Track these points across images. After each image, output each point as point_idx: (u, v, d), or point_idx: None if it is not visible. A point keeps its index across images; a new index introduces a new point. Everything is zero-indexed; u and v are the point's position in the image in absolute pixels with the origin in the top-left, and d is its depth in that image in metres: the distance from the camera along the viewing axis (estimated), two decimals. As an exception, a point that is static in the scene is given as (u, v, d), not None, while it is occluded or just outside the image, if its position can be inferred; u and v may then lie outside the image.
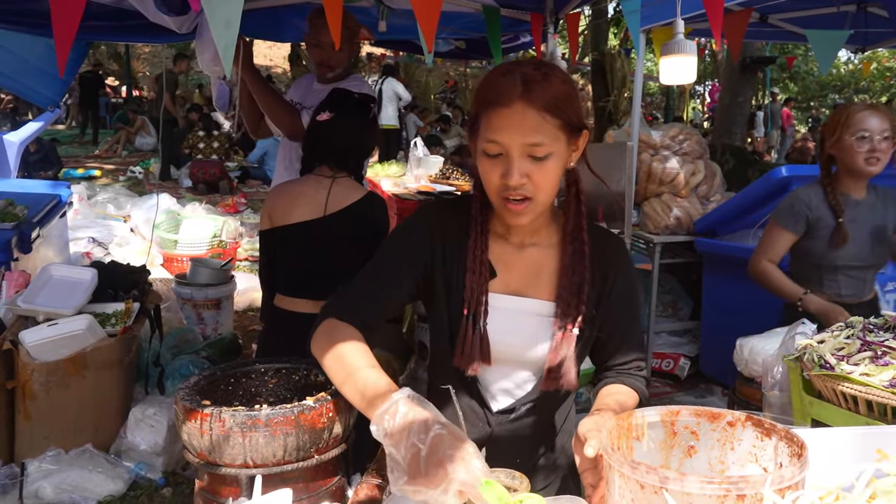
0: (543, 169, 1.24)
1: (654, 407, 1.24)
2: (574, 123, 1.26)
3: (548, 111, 1.21)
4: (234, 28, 1.62)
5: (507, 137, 1.22)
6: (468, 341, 1.32)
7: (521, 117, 1.21)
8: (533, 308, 1.37)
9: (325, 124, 2.47)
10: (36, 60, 4.26)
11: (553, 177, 1.26)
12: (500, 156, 1.24)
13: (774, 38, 6.74)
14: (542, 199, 1.27)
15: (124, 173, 11.10)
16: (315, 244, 2.46)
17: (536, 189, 1.25)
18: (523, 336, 1.36)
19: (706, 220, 4.46)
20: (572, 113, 1.25)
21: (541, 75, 1.23)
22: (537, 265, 1.38)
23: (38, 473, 2.95)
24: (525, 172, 1.23)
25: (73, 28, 1.61)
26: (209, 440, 1.32)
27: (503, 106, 1.22)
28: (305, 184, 2.51)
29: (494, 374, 1.39)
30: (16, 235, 3.73)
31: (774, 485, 0.96)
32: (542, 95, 1.21)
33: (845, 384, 1.55)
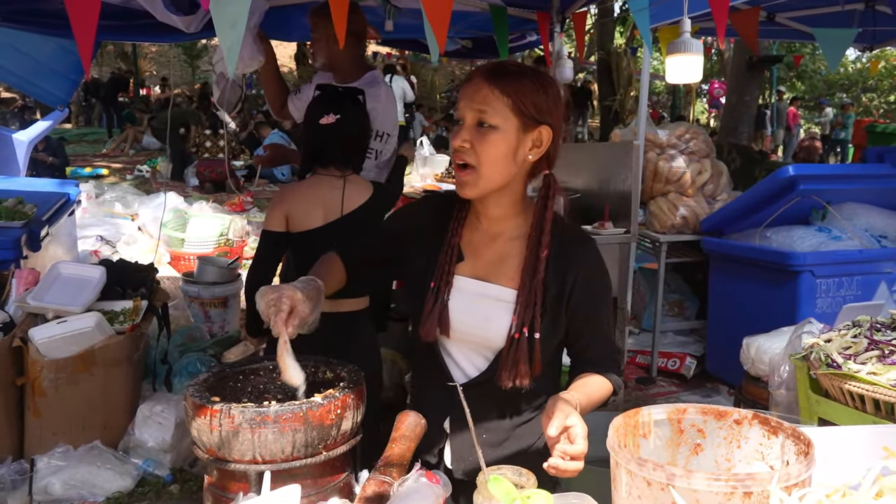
0: (486, 139, 1.37)
1: (660, 405, 1.25)
2: (527, 112, 1.37)
3: (500, 89, 1.36)
4: (239, 29, 1.62)
5: (462, 104, 1.39)
6: (430, 311, 1.45)
7: (475, 87, 1.38)
8: (493, 293, 1.46)
9: (331, 127, 2.43)
10: (46, 60, 4.28)
11: (495, 151, 1.38)
12: (460, 121, 1.40)
13: (782, 37, 6.72)
14: (485, 173, 1.39)
15: (131, 172, 11.15)
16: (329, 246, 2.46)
17: (477, 158, 1.38)
18: (482, 317, 1.45)
19: (712, 219, 4.46)
20: (529, 105, 1.37)
21: (516, 69, 1.40)
22: (502, 254, 1.48)
23: (48, 470, 2.96)
24: (468, 138, 1.38)
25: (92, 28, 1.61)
26: (218, 436, 1.33)
27: (467, 82, 1.41)
28: (319, 186, 2.48)
29: (457, 350, 1.50)
30: (25, 234, 3.76)
31: (781, 482, 0.96)
32: (503, 79, 1.37)
33: (852, 383, 1.55)
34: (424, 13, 1.58)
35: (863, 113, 25.07)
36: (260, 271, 2.50)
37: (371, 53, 17.07)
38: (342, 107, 2.46)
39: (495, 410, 1.51)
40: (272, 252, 2.48)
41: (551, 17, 4.26)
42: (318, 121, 2.44)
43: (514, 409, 1.52)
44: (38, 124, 5.50)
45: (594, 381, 1.47)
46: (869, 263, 4.00)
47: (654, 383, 4.52)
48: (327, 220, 2.45)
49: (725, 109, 11.04)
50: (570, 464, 1.23)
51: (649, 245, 4.70)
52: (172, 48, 24.13)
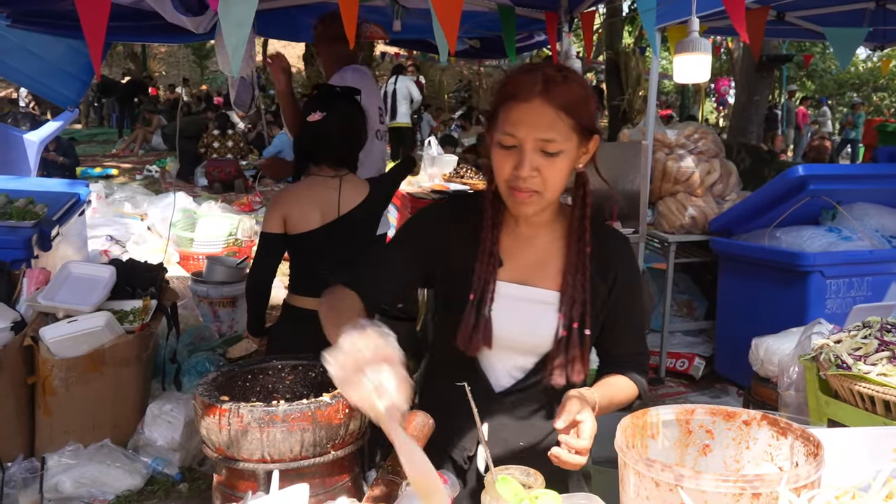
0: (553, 165, 1.30)
1: (669, 405, 1.25)
2: (586, 126, 1.32)
3: (563, 110, 1.28)
4: (245, 28, 1.63)
5: (523, 131, 1.28)
6: (472, 325, 1.39)
7: (538, 113, 1.28)
8: (537, 296, 1.42)
9: (317, 124, 2.44)
10: (56, 61, 4.31)
11: (561, 174, 1.33)
12: (514, 148, 1.30)
13: (791, 36, 6.69)
14: (548, 195, 1.34)
15: (141, 172, 11.20)
16: (333, 245, 2.46)
17: (544, 183, 1.32)
18: (526, 322, 1.42)
19: (721, 219, 4.44)
20: (586, 116, 1.32)
21: (561, 77, 1.30)
22: (543, 256, 1.45)
23: (58, 468, 2.99)
24: (536, 166, 1.30)
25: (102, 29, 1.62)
26: (227, 435, 1.34)
27: (522, 101, 1.29)
28: (315, 187, 2.49)
29: (498, 357, 1.45)
30: (36, 233, 3.78)
31: (790, 484, 0.96)
32: (560, 95, 1.28)
33: (862, 384, 1.54)
34: (434, 13, 1.58)
35: (874, 112, 24.92)
36: (259, 273, 2.51)
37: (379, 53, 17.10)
38: (330, 105, 2.47)
39: (534, 415, 1.49)
40: (271, 254, 2.49)
41: (559, 16, 4.25)
42: (306, 118, 2.47)
43: (550, 411, 1.49)
44: (48, 125, 5.54)
45: (619, 383, 1.46)
46: (879, 264, 3.97)
47: (662, 384, 4.50)
48: (325, 221, 2.45)
49: (735, 109, 10.99)
50: (573, 456, 1.23)
51: (658, 245, 4.68)
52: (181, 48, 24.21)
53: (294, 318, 2.51)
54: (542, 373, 1.43)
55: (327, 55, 3.50)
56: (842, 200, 4.20)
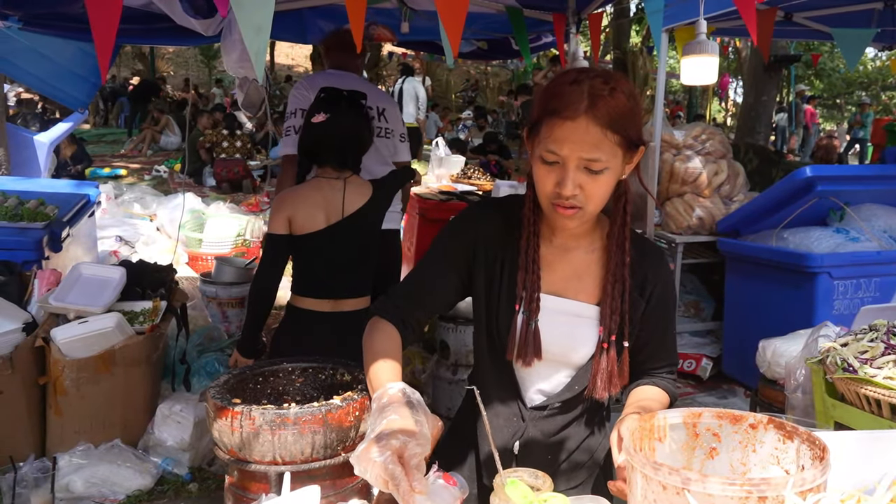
0: (597, 182, 1.27)
1: (676, 409, 1.25)
2: (633, 140, 1.28)
3: (610, 128, 1.23)
4: (265, 33, 1.64)
5: (567, 150, 1.25)
6: (521, 337, 1.37)
7: (584, 132, 1.23)
8: (573, 309, 1.40)
9: (320, 126, 2.46)
10: (66, 63, 4.34)
11: (606, 190, 1.29)
12: (557, 164, 1.27)
13: (800, 37, 6.66)
14: (591, 210, 1.30)
15: (149, 172, 11.23)
16: (337, 247, 2.48)
17: (587, 200, 1.28)
18: (563, 335, 1.40)
19: (729, 220, 4.44)
20: (632, 130, 1.27)
21: (608, 90, 1.24)
22: (580, 268, 1.42)
23: (69, 467, 3.01)
24: (579, 184, 1.26)
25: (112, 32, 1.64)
26: (239, 437, 1.35)
27: (568, 119, 1.24)
28: (319, 188, 2.50)
29: (532, 371, 1.43)
30: (47, 234, 3.81)
31: (796, 487, 0.97)
32: (607, 112, 1.23)
33: (869, 387, 1.55)
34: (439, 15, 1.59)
35: (882, 111, 24.80)
36: (266, 276, 2.51)
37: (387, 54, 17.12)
38: (335, 107, 2.49)
39: (566, 428, 1.47)
40: (278, 255, 2.50)
41: (567, 17, 4.26)
42: (311, 119, 2.49)
43: (585, 424, 1.49)
44: (58, 126, 5.58)
45: (654, 395, 1.44)
46: (887, 265, 3.97)
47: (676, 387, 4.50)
48: (329, 223, 2.47)
49: (742, 109, 10.95)
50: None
51: (665, 246, 4.69)
52: (189, 49, 24.32)
53: (298, 319, 2.53)
54: (579, 386, 1.42)
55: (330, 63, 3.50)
56: (850, 201, 4.19)
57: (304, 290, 2.55)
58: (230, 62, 3.65)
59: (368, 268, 2.62)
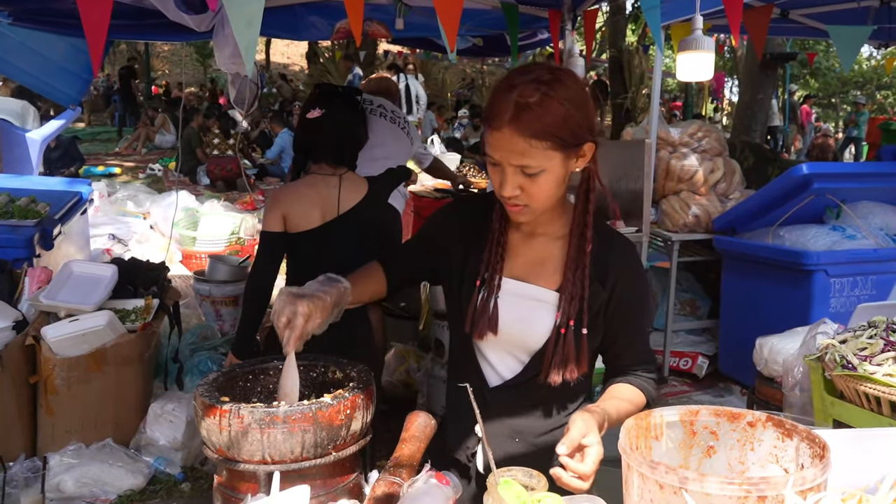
0: (536, 183, 1.32)
1: (673, 407, 1.24)
2: (569, 143, 1.30)
3: (534, 137, 1.27)
4: (255, 27, 1.63)
5: (499, 156, 1.31)
6: (481, 310, 1.43)
7: (510, 142, 1.29)
8: (533, 293, 1.44)
9: (316, 121, 2.44)
10: (58, 59, 4.30)
11: (547, 188, 1.34)
12: (497, 165, 1.34)
13: (795, 34, 6.66)
14: (537, 206, 1.36)
15: (144, 171, 11.19)
16: (331, 244, 2.45)
17: (530, 198, 1.34)
18: (523, 319, 1.43)
19: (725, 217, 4.42)
20: (567, 134, 1.29)
21: (538, 97, 1.26)
22: (542, 255, 1.46)
23: (60, 467, 2.98)
24: (518, 185, 1.32)
25: (103, 27, 1.62)
26: (228, 436, 1.33)
27: (494, 128, 1.30)
28: (314, 185, 2.47)
29: (494, 352, 1.48)
30: (38, 232, 3.77)
31: (796, 486, 0.95)
32: (530, 124, 1.27)
33: (868, 384, 1.53)
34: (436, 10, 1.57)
35: (877, 111, 24.85)
36: (261, 275, 2.48)
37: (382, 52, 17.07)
38: (330, 102, 2.46)
39: (528, 413, 1.49)
40: (273, 254, 2.46)
41: (563, 14, 4.24)
42: (306, 115, 2.47)
43: (547, 411, 1.50)
44: (50, 123, 5.54)
45: (626, 394, 1.44)
46: (884, 263, 3.95)
47: (665, 383, 4.49)
48: (325, 220, 2.44)
49: (739, 107, 10.94)
50: (573, 480, 1.21)
51: (661, 244, 4.67)
52: (184, 47, 24.26)
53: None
54: (535, 370, 1.44)
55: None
56: (846, 199, 4.18)
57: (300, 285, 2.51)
58: (223, 58, 3.61)
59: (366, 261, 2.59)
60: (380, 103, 3.85)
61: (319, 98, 2.50)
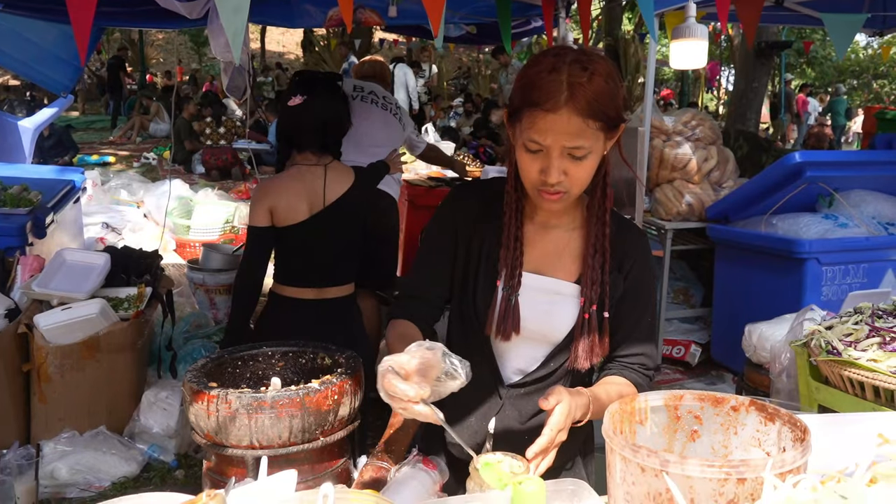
0: (581, 166, 1.29)
1: (657, 391, 1.25)
2: (613, 121, 1.28)
3: (591, 117, 1.24)
4: (243, 14, 1.62)
5: (551, 139, 1.25)
6: (501, 313, 1.39)
7: (566, 123, 1.24)
8: (552, 286, 1.42)
9: (298, 108, 2.40)
10: (49, 46, 4.27)
11: (589, 172, 1.32)
12: (540, 152, 1.28)
13: (790, 22, 6.63)
14: (575, 192, 1.33)
15: (138, 160, 11.16)
16: (319, 236, 2.44)
17: (572, 184, 1.30)
18: (542, 312, 1.41)
19: (718, 206, 4.43)
20: (613, 112, 1.27)
21: (587, 76, 1.24)
22: (559, 246, 1.43)
23: (54, 455, 2.99)
24: (563, 170, 1.28)
25: (90, 13, 1.61)
26: (216, 421, 1.33)
27: (549, 111, 1.24)
28: (300, 177, 2.44)
29: (514, 349, 1.44)
30: (30, 220, 3.77)
31: (775, 469, 0.96)
32: (587, 101, 1.23)
33: (852, 370, 1.54)
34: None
35: (874, 100, 24.84)
36: (251, 269, 2.46)
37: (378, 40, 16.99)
38: (311, 89, 2.43)
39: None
40: (261, 248, 2.43)
41: (556, 2, 4.22)
42: (287, 103, 2.42)
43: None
44: (43, 111, 5.51)
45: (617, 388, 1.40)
46: (876, 251, 3.97)
47: (658, 371, 4.51)
48: (312, 212, 2.42)
49: (733, 96, 10.93)
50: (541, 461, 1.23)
51: (655, 232, 4.68)
52: (179, 35, 24.11)
53: (282, 306, 2.49)
54: (555, 362, 1.43)
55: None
56: (839, 187, 4.19)
57: (289, 279, 2.50)
58: (218, 46, 3.59)
59: (353, 255, 2.58)
60: (371, 89, 3.83)
61: (300, 85, 2.46)
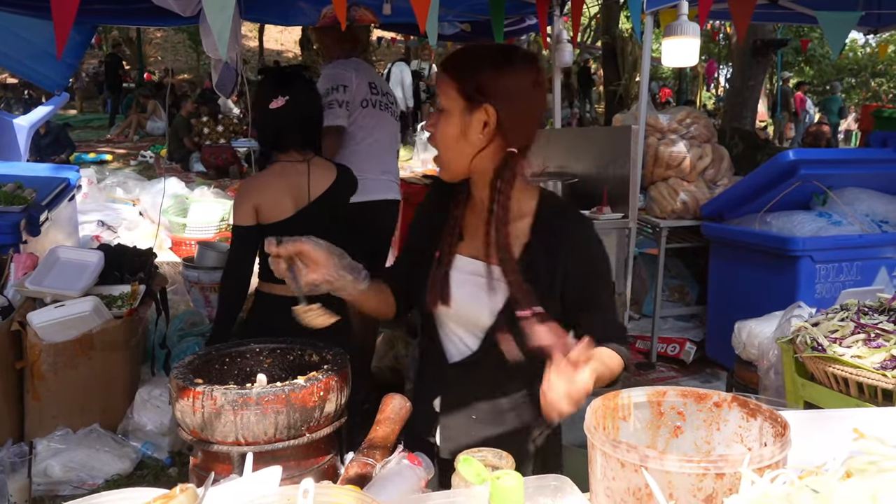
0: (439, 121, 1.43)
1: (640, 387, 1.25)
2: (469, 93, 1.39)
3: (447, 73, 1.42)
4: (228, 11, 1.62)
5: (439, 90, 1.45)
6: (434, 282, 1.49)
7: (441, 79, 1.44)
8: (483, 270, 1.47)
9: (282, 110, 2.35)
10: (43, 44, 4.26)
11: (445, 131, 1.42)
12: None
13: (785, 20, 6.64)
14: (442, 154, 1.45)
15: (136, 158, 11.16)
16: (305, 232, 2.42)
17: (436, 141, 1.44)
18: (474, 294, 1.48)
19: (713, 204, 4.43)
20: (469, 81, 1.39)
21: (473, 50, 1.45)
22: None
23: (47, 452, 2.99)
24: (432, 123, 1.44)
25: (72, 9, 1.61)
26: (201, 417, 1.34)
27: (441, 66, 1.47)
28: (284, 174, 2.41)
29: (452, 328, 1.54)
30: (24, 218, 3.77)
31: (753, 464, 0.96)
32: (452, 62, 1.44)
33: (836, 366, 1.54)
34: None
35: (871, 98, 24.83)
36: (237, 269, 2.42)
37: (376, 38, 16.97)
38: (291, 87, 2.39)
39: (486, 390, 1.52)
40: (246, 246, 2.39)
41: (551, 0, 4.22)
42: (268, 105, 2.36)
43: (505, 389, 1.52)
44: (38, 109, 5.51)
45: (603, 351, 1.43)
46: (869, 249, 3.97)
47: (653, 369, 4.52)
48: (298, 208, 2.40)
49: (730, 94, 10.94)
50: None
51: (650, 230, 4.68)
52: (177, 33, 24.06)
53: (268, 305, 2.46)
54: (489, 347, 1.47)
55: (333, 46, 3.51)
56: (833, 185, 4.20)
57: (271, 276, 2.47)
58: (209, 44, 3.59)
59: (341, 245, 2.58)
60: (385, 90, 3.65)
61: (277, 86, 2.40)
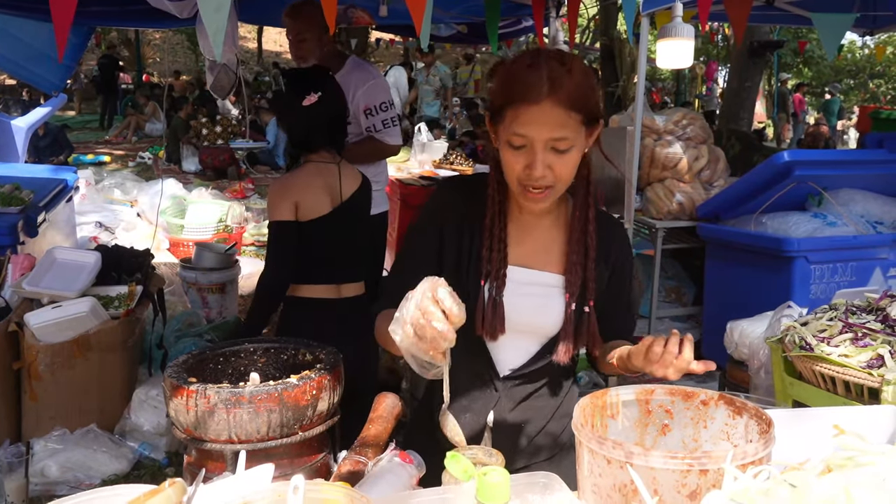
0: (565, 160, 1.32)
1: (629, 385, 1.27)
2: (593, 115, 1.33)
3: (573, 108, 1.28)
4: (224, 12, 1.64)
5: (535, 132, 1.29)
6: (487, 311, 1.41)
7: (549, 115, 1.28)
8: (542, 279, 1.45)
9: (314, 107, 2.36)
10: (40, 45, 4.27)
11: (573, 166, 1.35)
12: (524, 147, 1.31)
13: (781, 22, 6.65)
14: (560, 187, 1.36)
15: (134, 159, 11.16)
16: (340, 231, 2.42)
17: (557, 179, 1.33)
18: (534, 306, 1.44)
19: (709, 205, 4.45)
20: (593, 106, 1.32)
21: (565, 71, 1.28)
22: (546, 241, 1.48)
23: (44, 452, 3.01)
24: (548, 164, 1.31)
25: (70, 10, 1.63)
26: (195, 416, 1.35)
27: (531, 103, 1.27)
28: (319, 173, 2.42)
29: (503, 343, 1.46)
30: (22, 219, 3.78)
31: (737, 460, 0.98)
32: (568, 93, 1.28)
33: (823, 365, 1.56)
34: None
35: (870, 99, 24.87)
36: (280, 266, 2.37)
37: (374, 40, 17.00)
38: (322, 85, 2.39)
39: (536, 396, 1.51)
40: (288, 242, 2.36)
41: (547, 1, 4.23)
42: (301, 103, 2.35)
43: (552, 391, 1.53)
44: (36, 110, 5.51)
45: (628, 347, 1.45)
46: (864, 249, 3.98)
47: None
48: (332, 207, 2.42)
49: (727, 95, 10.96)
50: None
51: (646, 231, 4.69)
52: (176, 35, 24.07)
53: (301, 307, 2.43)
54: (545, 355, 1.46)
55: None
56: (828, 186, 4.21)
57: (308, 277, 2.44)
58: (206, 45, 3.61)
59: (364, 252, 2.61)
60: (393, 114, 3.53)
61: (309, 83, 2.39)
